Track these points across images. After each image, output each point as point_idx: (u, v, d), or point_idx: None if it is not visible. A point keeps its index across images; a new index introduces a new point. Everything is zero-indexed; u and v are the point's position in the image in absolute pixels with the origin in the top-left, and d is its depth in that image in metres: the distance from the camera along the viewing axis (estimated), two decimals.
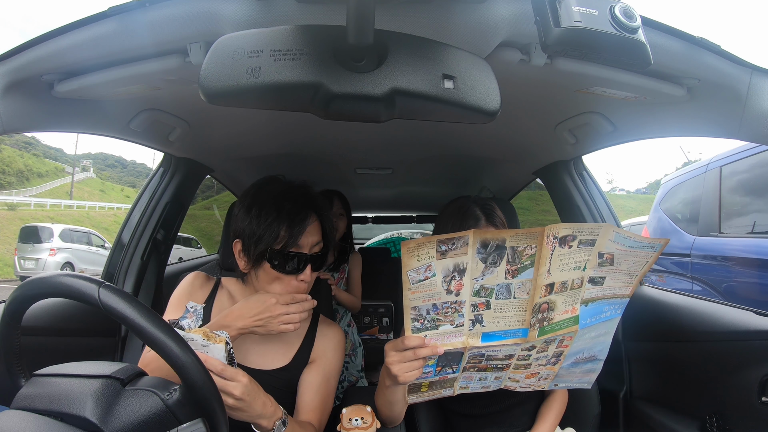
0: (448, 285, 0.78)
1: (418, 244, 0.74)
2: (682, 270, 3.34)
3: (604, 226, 0.80)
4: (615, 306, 0.93)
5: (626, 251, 0.85)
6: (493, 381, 0.95)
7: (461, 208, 1.09)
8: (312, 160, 1.88)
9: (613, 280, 0.89)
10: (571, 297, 0.85)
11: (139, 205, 1.62)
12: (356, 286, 2.09)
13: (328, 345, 1.10)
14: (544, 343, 0.88)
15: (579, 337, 0.90)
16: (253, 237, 0.97)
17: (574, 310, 0.87)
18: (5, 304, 0.67)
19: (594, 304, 0.90)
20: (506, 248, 0.77)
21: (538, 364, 0.93)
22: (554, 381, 0.99)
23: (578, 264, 0.82)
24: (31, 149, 42.53)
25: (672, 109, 0.99)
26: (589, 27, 0.51)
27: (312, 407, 1.02)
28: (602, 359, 0.98)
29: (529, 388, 0.99)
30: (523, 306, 0.82)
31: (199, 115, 1.25)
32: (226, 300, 1.09)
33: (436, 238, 0.74)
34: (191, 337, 0.80)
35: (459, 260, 0.76)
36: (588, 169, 1.65)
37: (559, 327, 0.86)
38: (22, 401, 0.63)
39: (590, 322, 0.90)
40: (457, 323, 0.82)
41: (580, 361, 0.97)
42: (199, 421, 0.63)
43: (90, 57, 0.81)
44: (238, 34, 0.54)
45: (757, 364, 0.99)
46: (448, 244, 0.75)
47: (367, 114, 0.58)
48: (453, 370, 0.89)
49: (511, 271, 0.79)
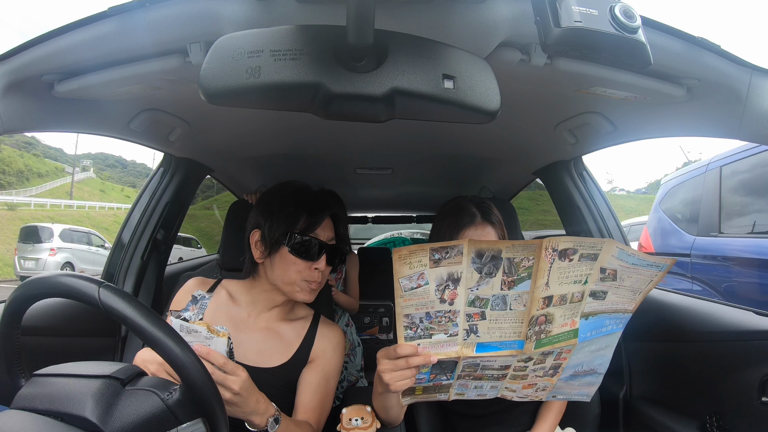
0: (441, 294, 0.76)
1: (410, 251, 0.73)
2: (682, 270, 3.34)
3: (608, 242, 0.78)
4: (617, 320, 0.91)
5: (630, 268, 0.82)
6: (489, 390, 0.94)
7: (457, 206, 1.08)
8: (312, 160, 1.88)
9: (616, 295, 0.86)
10: (571, 310, 0.83)
11: (139, 205, 1.62)
12: (354, 287, 2.09)
13: (327, 345, 1.10)
14: (542, 356, 0.86)
15: (578, 350, 0.88)
16: (273, 224, 1.02)
17: (573, 324, 0.85)
18: (5, 304, 0.67)
19: (595, 318, 0.87)
20: (502, 259, 0.75)
21: (536, 376, 0.91)
22: (552, 392, 0.97)
23: (579, 278, 0.80)
24: (31, 149, 42.54)
25: (672, 109, 0.99)
26: (589, 27, 0.51)
27: (310, 407, 1.03)
28: (602, 373, 0.95)
29: (526, 399, 0.98)
30: (519, 318, 0.80)
31: (199, 115, 1.25)
32: (224, 300, 1.09)
33: (429, 246, 0.73)
34: (196, 329, 0.81)
35: (453, 269, 0.75)
36: (588, 169, 1.65)
37: (557, 340, 0.84)
38: (22, 401, 0.63)
39: (590, 336, 0.87)
40: (451, 332, 0.80)
41: (579, 374, 0.94)
42: (199, 421, 0.63)
43: (90, 57, 0.81)
44: (238, 34, 0.54)
45: (757, 364, 0.99)
46: (441, 253, 0.73)
47: (367, 114, 0.58)
48: (447, 378, 0.88)
49: (508, 282, 0.76)
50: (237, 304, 1.09)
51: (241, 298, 1.10)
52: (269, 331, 1.08)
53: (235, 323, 1.06)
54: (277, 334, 1.08)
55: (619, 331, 0.92)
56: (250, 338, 1.05)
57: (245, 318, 1.08)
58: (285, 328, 1.10)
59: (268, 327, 1.08)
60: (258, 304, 1.08)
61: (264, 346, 1.05)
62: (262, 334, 1.07)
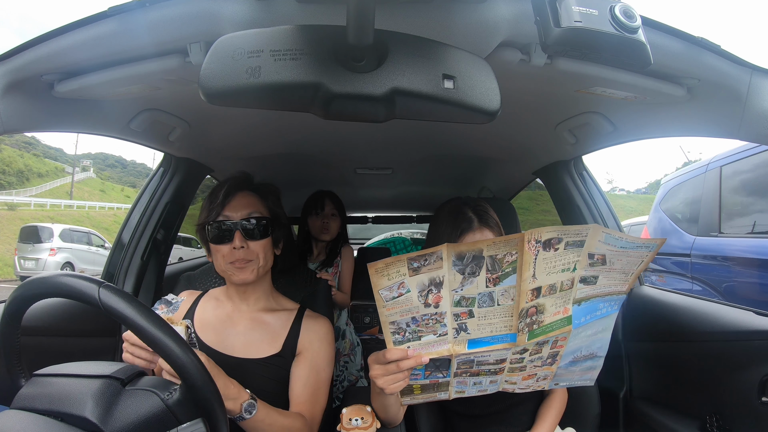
0: (425, 299, 0.76)
1: (386, 264, 0.72)
2: (682, 270, 3.34)
3: (593, 227, 0.77)
4: (611, 303, 0.91)
5: (619, 251, 0.83)
6: (489, 385, 0.94)
7: (453, 210, 1.08)
8: (312, 160, 1.88)
9: (607, 278, 0.87)
10: (562, 298, 0.83)
11: (139, 205, 1.62)
12: (347, 279, 2.07)
13: (313, 337, 1.12)
14: (537, 346, 0.86)
15: (574, 336, 0.88)
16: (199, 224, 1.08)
17: (566, 311, 0.85)
18: (5, 304, 0.67)
19: (588, 302, 0.87)
20: (484, 258, 0.74)
21: (534, 366, 0.92)
22: (554, 380, 0.98)
23: (567, 266, 0.80)
24: (31, 149, 42.52)
25: (672, 109, 0.99)
26: (589, 27, 0.51)
27: (302, 399, 1.04)
28: (602, 356, 0.96)
29: (528, 389, 0.98)
30: (508, 312, 0.80)
31: (199, 115, 1.25)
32: (211, 305, 1.14)
33: (407, 257, 0.72)
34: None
35: (434, 274, 0.74)
36: (588, 169, 1.65)
37: (550, 329, 0.84)
38: (22, 401, 0.63)
39: (584, 321, 0.88)
40: (440, 333, 0.80)
41: (579, 359, 0.95)
42: (199, 421, 0.63)
43: (90, 57, 0.81)
44: (238, 34, 0.54)
45: (757, 364, 0.99)
46: (420, 261, 0.73)
47: (367, 114, 0.58)
48: (443, 375, 0.88)
49: (492, 279, 0.76)
50: (222, 304, 1.14)
51: (225, 298, 1.15)
52: (254, 321, 1.11)
53: (221, 320, 1.09)
54: (263, 324, 1.11)
55: (615, 313, 0.93)
56: (236, 331, 1.08)
57: (230, 313, 1.11)
58: (270, 319, 1.12)
59: (252, 318, 1.11)
60: (238, 298, 1.12)
61: (250, 337, 1.08)
62: (247, 326, 1.10)
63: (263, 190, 1.14)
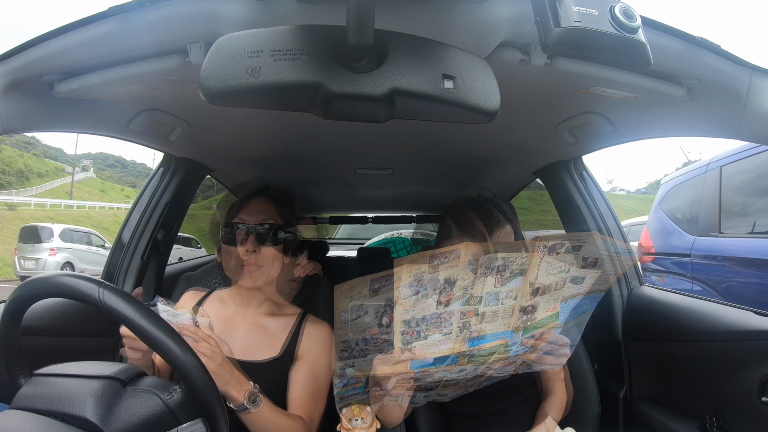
0: (438, 296, 0.81)
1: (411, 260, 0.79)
2: (682, 270, 3.34)
3: (593, 235, 0.87)
4: (591, 300, 0.98)
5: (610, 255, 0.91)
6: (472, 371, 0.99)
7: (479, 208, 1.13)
8: (312, 160, 1.88)
9: (593, 278, 0.93)
10: (553, 297, 0.90)
11: (139, 205, 1.62)
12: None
13: (313, 342, 1.12)
14: (525, 339, 0.92)
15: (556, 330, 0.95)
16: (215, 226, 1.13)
17: (555, 308, 0.92)
18: (5, 304, 0.67)
19: (573, 300, 0.94)
20: (498, 259, 0.80)
21: (517, 356, 0.97)
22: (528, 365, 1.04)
23: (563, 268, 0.87)
24: (31, 149, 42.55)
25: (672, 109, 0.99)
26: (589, 27, 0.51)
27: (301, 403, 1.05)
28: (575, 345, 1.02)
29: (503, 374, 1.03)
30: (509, 311, 0.85)
31: (199, 115, 1.25)
32: (216, 306, 1.15)
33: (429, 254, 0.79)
34: (165, 309, 0.87)
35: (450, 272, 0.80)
36: (588, 169, 1.65)
37: (540, 324, 0.90)
38: (22, 401, 0.63)
39: (569, 317, 0.95)
40: (446, 332, 0.84)
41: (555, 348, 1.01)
42: (199, 421, 0.63)
43: (90, 57, 0.81)
44: (238, 34, 0.54)
45: (757, 364, 0.99)
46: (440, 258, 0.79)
47: (367, 114, 0.58)
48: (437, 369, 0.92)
49: (501, 280, 0.82)
50: (225, 306, 1.15)
51: (229, 300, 1.16)
52: (255, 325, 1.11)
53: (222, 321, 1.10)
54: (263, 328, 1.11)
55: (592, 309, 1.00)
56: (237, 334, 1.08)
57: (232, 315, 1.12)
58: (271, 323, 1.13)
59: (254, 321, 1.12)
60: (242, 301, 1.14)
61: (251, 340, 1.08)
62: (248, 329, 1.10)
63: (280, 198, 1.18)
